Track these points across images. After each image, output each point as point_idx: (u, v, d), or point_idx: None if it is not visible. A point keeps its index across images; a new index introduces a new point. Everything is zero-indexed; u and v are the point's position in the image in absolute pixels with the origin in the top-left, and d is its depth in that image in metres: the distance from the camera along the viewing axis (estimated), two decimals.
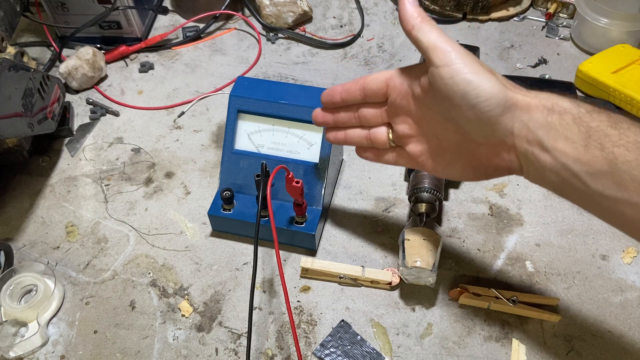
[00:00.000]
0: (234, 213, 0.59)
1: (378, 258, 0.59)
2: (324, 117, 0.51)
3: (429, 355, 0.52)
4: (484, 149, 0.42)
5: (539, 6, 0.90)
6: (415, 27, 0.41)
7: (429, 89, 0.42)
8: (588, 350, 0.52)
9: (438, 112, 0.43)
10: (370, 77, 0.47)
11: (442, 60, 0.39)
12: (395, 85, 0.45)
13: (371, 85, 0.47)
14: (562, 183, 0.38)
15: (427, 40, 0.40)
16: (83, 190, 0.67)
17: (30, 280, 0.56)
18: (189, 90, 0.79)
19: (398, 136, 0.47)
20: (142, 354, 0.53)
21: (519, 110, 0.38)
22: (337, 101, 0.49)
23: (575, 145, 0.36)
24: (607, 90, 0.72)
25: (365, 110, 0.48)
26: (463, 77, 0.38)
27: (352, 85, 0.48)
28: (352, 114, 0.49)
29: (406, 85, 0.45)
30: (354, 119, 0.49)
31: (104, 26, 0.83)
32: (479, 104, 0.38)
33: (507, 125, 0.38)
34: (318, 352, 0.52)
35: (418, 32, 0.41)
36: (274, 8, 0.85)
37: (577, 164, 0.36)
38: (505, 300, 0.53)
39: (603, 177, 0.35)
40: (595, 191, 0.36)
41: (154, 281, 0.58)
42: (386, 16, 0.90)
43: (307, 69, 0.81)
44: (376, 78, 0.46)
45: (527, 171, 0.40)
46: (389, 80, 0.46)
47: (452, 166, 0.45)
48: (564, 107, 0.37)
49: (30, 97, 0.61)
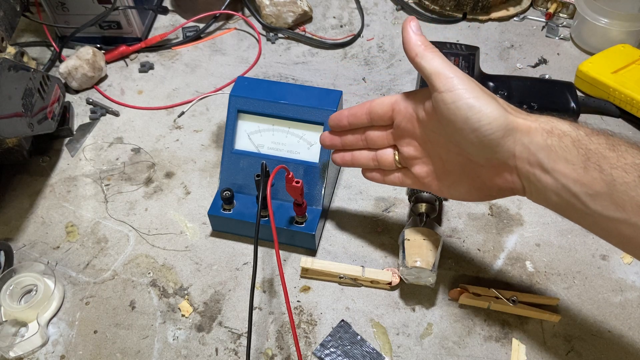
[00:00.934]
0: (234, 213, 0.59)
1: (378, 258, 0.59)
2: (332, 140, 0.53)
3: (429, 355, 0.52)
4: (487, 171, 0.43)
5: (539, 6, 0.90)
6: (419, 55, 0.43)
7: (433, 113, 0.43)
8: (588, 350, 0.52)
9: (442, 135, 0.44)
10: (376, 102, 0.48)
11: (444, 85, 0.41)
12: (400, 109, 0.47)
13: (377, 109, 0.48)
14: (563, 203, 0.39)
15: (430, 67, 0.42)
16: (83, 190, 0.67)
17: (30, 280, 0.56)
18: (189, 90, 0.79)
19: (404, 158, 0.49)
20: (142, 354, 0.53)
21: (519, 133, 0.39)
22: (344, 125, 0.51)
23: (574, 167, 0.37)
24: (607, 90, 0.72)
25: (372, 133, 0.50)
26: (465, 102, 0.40)
27: (359, 110, 0.49)
28: (359, 136, 0.51)
29: (411, 109, 0.46)
30: (361, 141, 0.51)
31: (104, 26, 0.83)
32: (480, 127, 0.40)
33: (509, 147, 0.40)
34: (318, 352, 0.52)
35: (422, 59, 0.43)
36: (274, 8, 0.85)
37: (577, 185, 0.37)
38: (505, 300, 0.53)
39: (602, 198, 0.36)
40: (595, 211, 0.37)
41: (154, 281, 0.58)
42: (386, 16, 0.90)
43: (307, 69, 0.81)
44: (382, 102, 0.48)
45: (529, 192, 0.41)
46: (394, 104, 0.47)
47: (456, 187, 0.46)
48: (563, 130, 0.38)
49: (30, 97, 0.61)
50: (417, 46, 0.43)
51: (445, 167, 0.46)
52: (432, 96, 0.42)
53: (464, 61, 0.69)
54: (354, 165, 0.53)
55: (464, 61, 0.70)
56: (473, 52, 0.71)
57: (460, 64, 0.69)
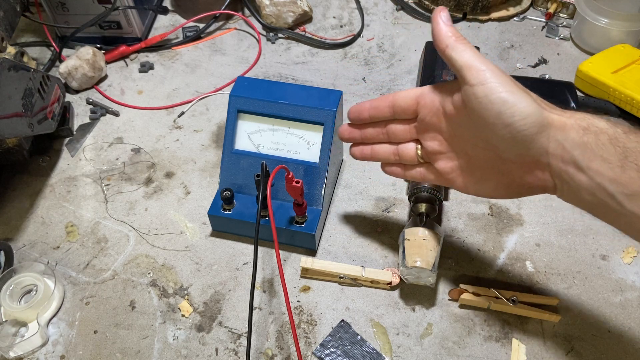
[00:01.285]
0: (234, 213, 0.59)
1: (378, 258, 0.59)
2: (351, 133, 0.52)
3: (429, 355, 0.52)
4: (517, 168, 0.42)
5: (539, 6, 0.90)
6: (450, 46, 0.41)
7: (462, 107, 0.42)
8: (588, 350, 0.52)
9: (470, 129, 0.43)
10: (400, 94, 0.47)
11: (476, 78, 0.39)
12: (426, 103, 0.45)
13: (401, 102, 0.47)
14: (598, 203, 0.38)
15: (461, 59, 0.40)
16: (83, 190, 0.67)
17: (30, 280, 0.56)
18: (189, 90, 0.79)
19: (427, 152, 0.48)
20: (142, 354, 0.53)
21: (554, 130, 0.38)
22: (365, 117, 0.49)
23: (611, 165, 0.36)
24: (607, 90, 0.72)
25: (394, 126, 0.49)
26: (498, 96, 0.38)
27: (381, 102, 0.48)
28: (380, 129, 0.50)
29: (437, 103, 0.45)
30: (382, 134, 0.50)
31: (104, 26, 0.83)
32: (514, 122, 0.38)
33: (542, 144, 0.38)
34: (318, 352, 0.52)
35: (452, 51, 0.41)
36: (274, 8, 0.85)
37: (613, 185, 0.36)
38: (505, 300, 0.53)
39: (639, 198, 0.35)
40: (631, 212, 0.36)
41: (154, 281, 0.58)
42: (386, 16, 0.90)
43: (307, 69, 0.81)
44: (406, 95, 0.47)
45: (561, 190, 0.40)
46: (420, 97, 0.46)
47: (483, 184, 0.45)
48: (599, 127, 0.37)
49: (30, 97, 0.61)
50: (447, 37, 0.41)
51: (471, 162, 0.45)
52: (462, 89, 0.41)
53: None
54: (373, 159, 0.52)
55: None
56: None
57: None
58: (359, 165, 0.68)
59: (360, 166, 0.68)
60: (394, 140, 0.49)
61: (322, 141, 0.59)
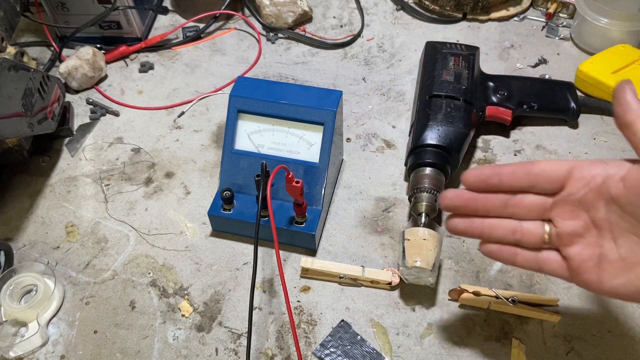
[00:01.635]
0: (234, 213, 0.59)
1: (378, 258, 0.59)
2: (465, 201, 0.42)
3: (429, 355, 0.52)
4: None
5: (539, 6, 0.90)
6: (636, 123, 0.36)
7: (635, 191, 0.36)
8: (588, 350, 0.52)
9: (636, 216, 0.37)
10: (546, 162, 0.40)
11: None
12: (582, 177, 0.39)
13: (548, 170, 0.40)
14: None
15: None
16: (83, 190, 0.67)
17: (30, 280, 0.56)
18: (189, 90, 0.79)
19: (560, 234, 0.40)
20: (142, 354, 0.53)
21: None
22: (494, 183, 0.41)
23: None
24: (607, 90, 0.72)
25: (526, 198, 0.41)
26: None
27: (518, 168, 0.41)
28: (504, 201, 0.41)
29: (599, 179, 0.38)
30: (502, 207, 0.41)
31: (104, 26, 0.83)
32: None
33: None
34: (318, 352, 0.52)
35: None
36: (274, 8, 0.85)
37: None
38: (505, 300, 0.53)
39: None
40: None
41: (154, 281, 0.58)
42: (386, 16, 0.90)
43: (307, 69, 0.81)
44: (556, 164, 0.40)
45: None
46: (575, 169, 0.39)
47: (624, 278, 0.38)
48: None
49: (30, 97, 0.61)
50: (633, 112, 0.36)
51: (614, 252, 0.38)
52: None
53: (464, 61, 0.69)
54: (482, 236, 0.43)
55: (464, 61, 0.69)
56: (473, 52, 0.71)
57: (460, 64, 0.69)
58: (359, 165, 0.68)
59: (360, 166, 0.68)
60: (517, 216, 0.41)
61: (322, 141, 0.59)
